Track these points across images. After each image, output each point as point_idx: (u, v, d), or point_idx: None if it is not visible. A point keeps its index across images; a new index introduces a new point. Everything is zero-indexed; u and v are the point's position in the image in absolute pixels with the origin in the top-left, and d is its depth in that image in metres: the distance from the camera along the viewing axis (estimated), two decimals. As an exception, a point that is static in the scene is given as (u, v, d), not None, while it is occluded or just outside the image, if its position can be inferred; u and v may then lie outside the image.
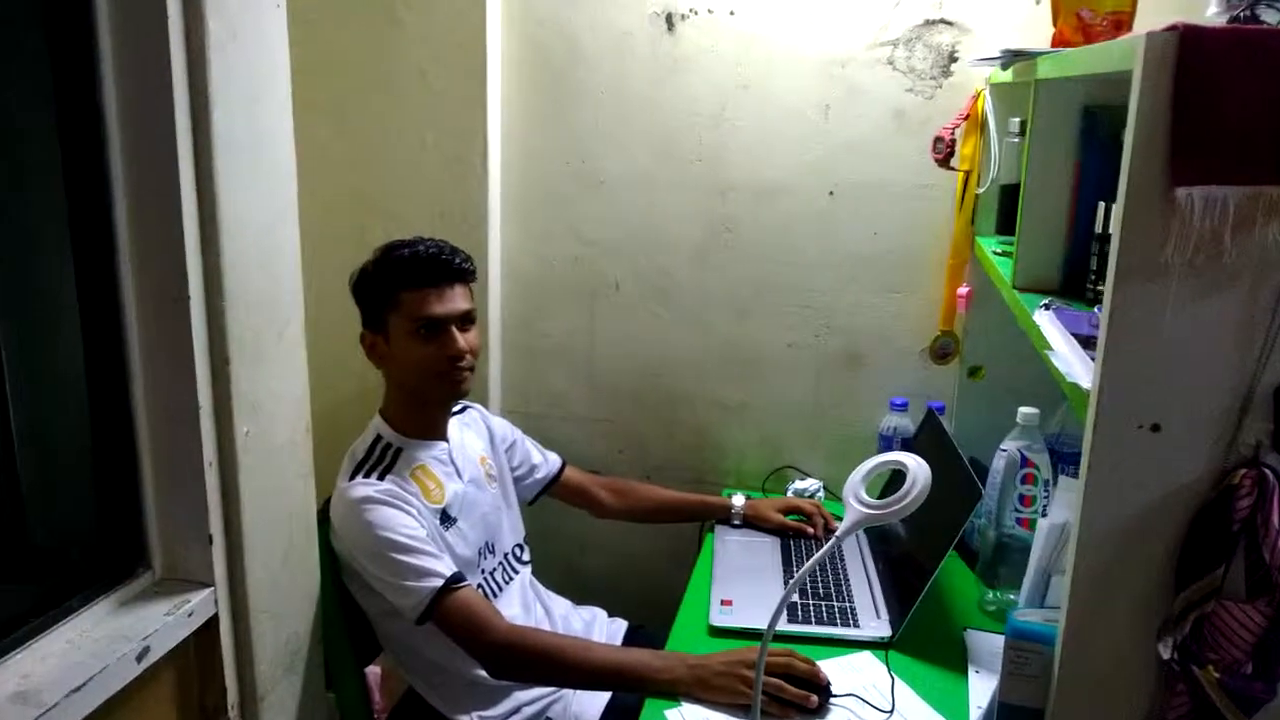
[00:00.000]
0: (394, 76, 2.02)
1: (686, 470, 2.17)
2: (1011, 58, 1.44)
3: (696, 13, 1.96)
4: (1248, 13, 1.22)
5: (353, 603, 1.54)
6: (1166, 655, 0.89)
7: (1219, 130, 0.84)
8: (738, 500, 1.91)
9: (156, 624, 1.17)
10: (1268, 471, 0.85)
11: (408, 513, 1.46)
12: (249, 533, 1.29)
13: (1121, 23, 1.55)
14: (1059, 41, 1.57)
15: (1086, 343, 1.06)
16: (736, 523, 1.89)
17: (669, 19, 1.97)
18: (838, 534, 1.10)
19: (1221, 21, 1.21)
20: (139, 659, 1.14)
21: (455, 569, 1.44)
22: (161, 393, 1.23)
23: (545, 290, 2.16)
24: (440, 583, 1.40)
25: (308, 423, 1.42)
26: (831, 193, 1.98)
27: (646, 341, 2.14)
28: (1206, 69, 0.84)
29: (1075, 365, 0.99)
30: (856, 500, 1.11)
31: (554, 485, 1.86)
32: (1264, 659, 0.86)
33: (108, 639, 1.14)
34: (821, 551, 1.12)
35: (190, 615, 1.22)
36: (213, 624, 1.27)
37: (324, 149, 2.04)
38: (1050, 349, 1.07)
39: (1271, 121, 0.84)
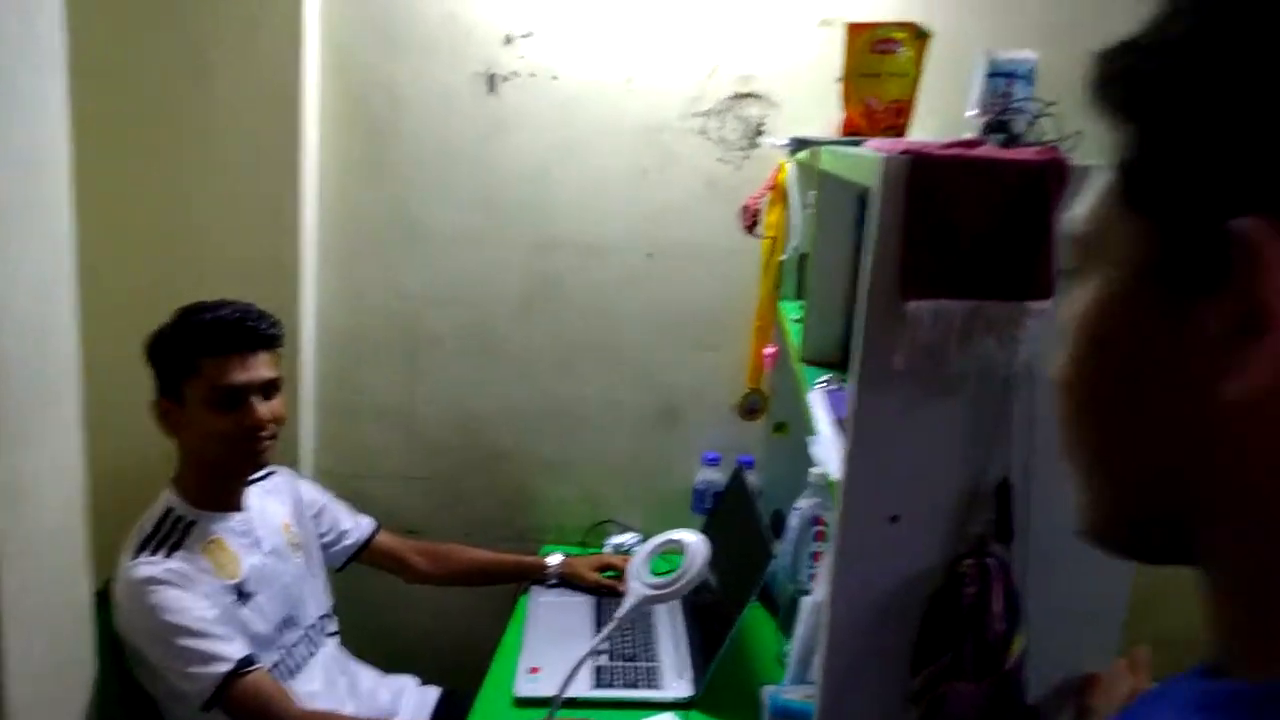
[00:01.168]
0: (202, 123, 1.94)
1: (507, 527, 2.16)
2: (798, 145, 1.52)
3: (519, 74, 1.97)
4: (997, 118, 1.33)
5: (139, 686, 1.46)
6: (906, 733, 0.95)
7: (945, 249, 0.92)
8: (553, 560, 1.92)
9: (-110, 740, 1.09)
10: (990, 561, 0.92)
11: (195, 594, 1.40)
12: (10, 630, 1.19)
13: (903, 110, 1.65)
14: (849, 127, 1.66)
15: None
16: (552, 582, 1.90)
17: (490, 80, 1.98)
18: (617, 614, 1.13)
19: (978, 123, 1.32)
20: None
21: (246, 652, 1.39)
22: (-92, 480, 1.14)
23: (363, 345, 2.12)
24: (227, 668, 1.35)
25: (83, 506, 1.34)
26: (650, 254, 2.04)
27: (468, 397, 2.13)
28: (934, 191, 0.92)
29: (831, 455, 1.05)
30: (638, 580, 1.14)
31: (364, 551, 1.82)
32: (990, 734, 0.93)
33: None
34: (604, 632, 1.15)
35: (-65, 724, 1.14)
36: (-36, 731, 1.18)
37: (126, 198, 1.93)
38: (815, 433, 1.13)
39: (991, 241, 0.92)
